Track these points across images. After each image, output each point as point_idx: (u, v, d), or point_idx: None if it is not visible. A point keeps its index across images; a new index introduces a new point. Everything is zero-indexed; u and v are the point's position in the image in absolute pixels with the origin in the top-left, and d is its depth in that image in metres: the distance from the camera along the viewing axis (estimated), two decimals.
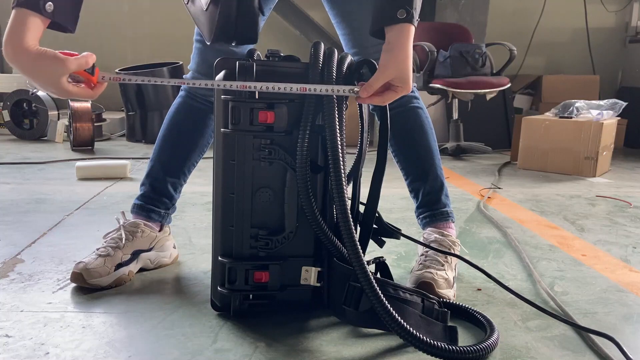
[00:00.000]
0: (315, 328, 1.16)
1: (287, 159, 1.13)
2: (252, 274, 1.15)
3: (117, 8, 4.90)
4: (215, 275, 1.19)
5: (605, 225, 2.08)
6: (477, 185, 2.77)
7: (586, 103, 3.23)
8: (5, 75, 4.64)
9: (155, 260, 1.47)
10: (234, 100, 1.10)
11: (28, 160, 3.14)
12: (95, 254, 1.36)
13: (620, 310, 1.31)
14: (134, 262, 1.40)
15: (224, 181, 1.15)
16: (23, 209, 2.06)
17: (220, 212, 1.16)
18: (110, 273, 1.34)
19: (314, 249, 1.18)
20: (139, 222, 1.44)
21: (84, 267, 1.32)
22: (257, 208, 1.14)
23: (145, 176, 1.49)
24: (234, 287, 1.16)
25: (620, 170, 3.35)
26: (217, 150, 1.16)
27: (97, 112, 4.01)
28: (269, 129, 1.11)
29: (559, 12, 5.05)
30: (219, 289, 1.17)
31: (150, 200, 1.48)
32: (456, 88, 3.46)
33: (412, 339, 1.00)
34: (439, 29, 3.91)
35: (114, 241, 1.40)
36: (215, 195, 1.18)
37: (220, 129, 1.13)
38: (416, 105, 1.46)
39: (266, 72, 1.10)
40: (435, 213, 1.46)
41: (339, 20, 1.42)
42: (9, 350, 1.04)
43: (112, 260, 1.35)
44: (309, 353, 1.07)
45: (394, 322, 1.00)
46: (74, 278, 1.32)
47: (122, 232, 1.41)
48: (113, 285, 1.34)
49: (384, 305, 1.01)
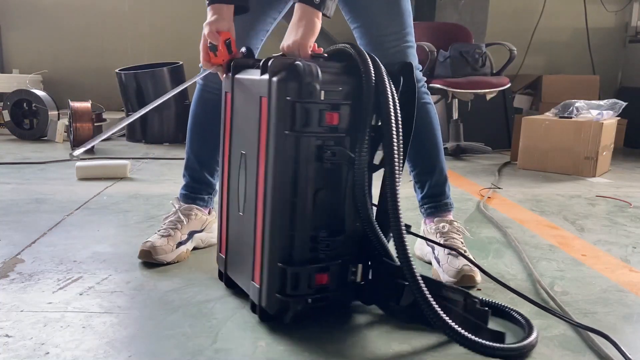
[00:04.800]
0: (315, 328, 1.16)
1: (350, 160, 1.13)
2: (314, 277, 1.14)
3: (117, 8, 4.91)
4: (272, 283, 1.13)
5: (605, 225, 2.08)
6: (477, 185, 2.77)
7: (586, 103, 3.23)
8: (5, 75, 4.64)
9: (205, 240, 1.66)
10: (303, 102, 1.07)
11: (28, 160, 3.14)
12: (158, 234, 1.54)
13: (620, 310, 1.31)
14: (189, 241, 1.59)
15: (282, 185, 1.10)
16: (23, 209, 2.06)
17: (279, 218, 1.11)
18: (173, 250, 1.52)
19: (359, 248, 1.20)
20: (192, 206, 1.62)
21: (151, 245, 1.50)
22: (317, 210, 1.14)
23: (184, 167, 1.64)
24: (298, 293, 1.12)
25: (620, 170, 3.35)
26: (273, 153, 1.10)
27: (97, 112, 4.01)
28: (332, 130, 1.11)
29: (559, 12, 5.06)
30: (278, 296, 1.12)
31: (193, 189, 1.63)
32: (456, 88, 3.46)
33: (457, 337, 1.03)
34: (439, 29, 3.90)
35: (172, 223, 1.57)
36: (266, 199, 1.12)
37: (284, 131, 1.08)
38: (427, 101, 1.54)
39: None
40: (440, 204, 1.59)
41: (353, 16, 1.49)
42: (9, 350, 1.04)
43: (174, 239, 1.53)
44: (309, 353, 1.07)
45: (440, 320, 1.04)
46: (142, 255, 1.49)
47: (179, 215, 1.59)
48: (175, 261, 1.52)
49: (429, 304, 1.05)
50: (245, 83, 1.23)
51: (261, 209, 1.14)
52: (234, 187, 1.28)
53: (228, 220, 1.33)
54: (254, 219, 1.17)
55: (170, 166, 3.09)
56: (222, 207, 1.36)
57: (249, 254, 1.20)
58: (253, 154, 1.17)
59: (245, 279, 1.23)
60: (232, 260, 1.32)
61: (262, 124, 1.13)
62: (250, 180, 1.19)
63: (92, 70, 4.87)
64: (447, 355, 1.08)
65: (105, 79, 4.68)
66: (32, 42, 4.87)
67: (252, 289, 1.19)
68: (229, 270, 1.34)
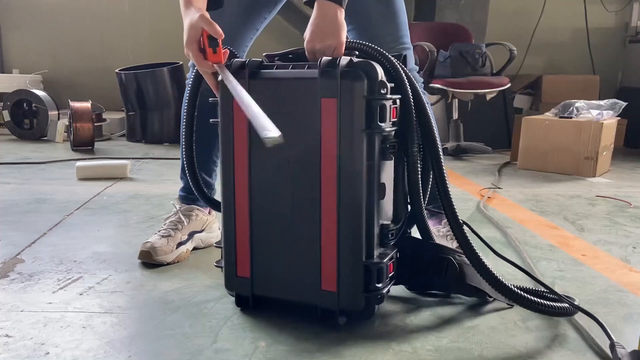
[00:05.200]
0: (315, 328, 1.16)
1: (405, 151, 1.19)
2: (388, 268, 1.17)
3: (117, 8, 4.91)
4: (356, 283, 1.12)
5: (605, 225, 2.08)
6: (477, 185, 2.77)
7: (586, 103, 3.23)
8: (5, 75, 4.64)
9: (205, 240, 1.65)
10: (379, 99, 1.09)
11: (28, 160, 3.14)
12: (158, 235, 1.54)
13: (620, 310, 1.31)
14: (189, 241, 1.59)
15: (358, 184, 1.10)
16: (23, 209, 2.06)
17: (358, 217, 1.11)
18: (173, 251, 1.52)
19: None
20: (193, 207, 1.63)
21: (151, 245, 1.49)
22: (382, 203, 1.16)
23: (182, 169, 1.63)
24: (381, 286, 1.15)
25: (620, 170, 3.35)
26: (348, 153, 1.08)
27: (97, 112, 4.02)
28: (394, 124, 1.15)
29: (559, 12, 5.05)
30: (366, 294, 1.13)
31: (190, 191, 1.60)
32: (456, 88, 3.46)
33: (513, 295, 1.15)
34: (439, 29, 3.91)
35: (173, 224, 1.57)
36: (341, 200, 1.10)
37: (360, 129, 1.08)
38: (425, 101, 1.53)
39: None
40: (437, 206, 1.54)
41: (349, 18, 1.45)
42: (9, 350, 1.04)
43: (174, 240, 1.53)
44: (309, 353, 1.07)
45: (498, 283, 1.16)
46: (142, 255, 1.49)
47: (180, 216, 1.60)
48: (175, 262, 1.52)
49: (484, 266, 1.17)
50: (283, 85, 1.14)
51: (331, 211, 1.11)
52: (267, 200, 1.17)
53: (253, 238, 1.19)
54: (316, 225, 1.13)
55: (170, 166, 3.09)
56: (236, 226, 1.20)
57: (309, 263, 1.14)
58: (307, 158, 1.12)
59: (304, 292, 1.16)
60: (270, 277, 1.20)
61: (327, 126, 1.09)
62: (305, 186, 1.13)
63: (92, 70, 4.87)
64: (447, 355, 1.08)
65: (105, 79, 4.68)
66: (32, 42, 4.87)
67: (323, 297, 1.14)
68: (264, 290, 1.21)
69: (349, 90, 1.07)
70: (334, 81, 1.08)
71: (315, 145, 1.11)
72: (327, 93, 1.08)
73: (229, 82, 1.09)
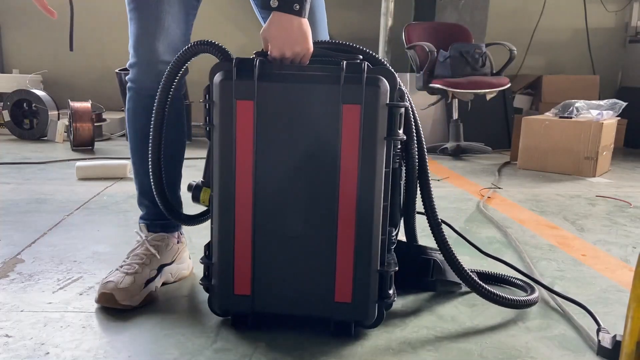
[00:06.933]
0: (314, 328, 1.16)
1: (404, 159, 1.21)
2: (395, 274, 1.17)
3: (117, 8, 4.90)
4: (372, 292, 1.11)
5: (605, 225, 2.08)
6: (477, 185, 2.77)
7: (586, 103, 3.23)
8: (5, 75, 4.64)
9: (175, 273, 1.41)
10: (400, 106, 1.09)
11: (28, 160, 3.14)
12: (121, 272, 1.27)
13: (620, 310, 1.31)
14: (159, 276, 1.33)
15: (376, 192, 1.07)
16: (23, 209, 2.06)
17: (376, 225, 1.09)
18: (142, 291, 1.26)
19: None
20: (163, 235, 1.38)
21: (114, 287, 1.22)
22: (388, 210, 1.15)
23: (139, 193, 1.40)
24: (392, 292, 1.15)
25: (620, 170, 3.35)
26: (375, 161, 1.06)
27: (97, 112, 4.01)
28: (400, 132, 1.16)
29: (559, 12, 5.05)
30: (387, 300, 1.14)
31: (158, 214, 1.33)
32: (456, 88, 3.46)
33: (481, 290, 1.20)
34: (439, 29, 3.90)
35: (138, 257, 1.32)
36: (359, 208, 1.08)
37: (383, 137, 1.06)
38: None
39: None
40: None
41: None
42: (9, 350, 1.04)
43: (141, 277, 1.27)
44: (309, 353, 1.07)
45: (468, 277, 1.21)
46: (104, 299, 1.22)
47: (148, 247, 1.34)
48: (143, 305, 1.25)
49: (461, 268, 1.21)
50: (297, 89, 1.07)
51: (349, 221, 1.08)
52: (275, 214, 1.11)
53: (256, 254, 1.12)
54: (332, 236, 1.09)
55: None
56: (235, 243, 1.12)
57: (321, 275, 1.11)
58: (324, 167, 1.07)
59: (316, 305, 1.13)
60: (275, 293, 1.14)
61: (348, 133, 1.05)
62: (321, 195, 1.08)
63: (92, 70, 4.87)
64: (447, 355, 1.08)
65: (105, 79, 4.68)
66: (32, 42, 4.87)
67: (337, 309, 1.12)
68: (267, 307, 1.14)
69: (374, 97, 1.04)
70: (358, 87, 1.04)
71: (334, 152, 1.06)
72: (350, 99, 1.04)
73: None
